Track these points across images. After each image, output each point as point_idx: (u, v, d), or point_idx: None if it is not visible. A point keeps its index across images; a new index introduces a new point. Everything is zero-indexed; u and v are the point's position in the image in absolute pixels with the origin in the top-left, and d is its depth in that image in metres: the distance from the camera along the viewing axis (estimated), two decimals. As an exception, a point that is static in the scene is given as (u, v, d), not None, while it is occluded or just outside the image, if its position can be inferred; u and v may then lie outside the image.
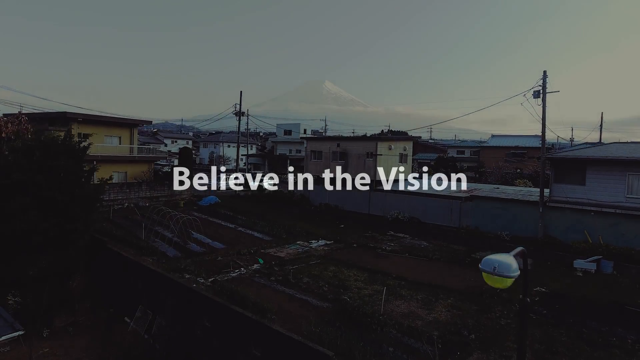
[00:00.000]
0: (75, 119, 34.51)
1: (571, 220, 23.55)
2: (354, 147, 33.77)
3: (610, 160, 22.39)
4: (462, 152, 78.92)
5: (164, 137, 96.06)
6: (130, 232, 26.73)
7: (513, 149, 60.15)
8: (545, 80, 24.56)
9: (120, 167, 37.84)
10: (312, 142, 37.28)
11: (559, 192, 24.34)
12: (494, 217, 26.45)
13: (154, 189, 39.14)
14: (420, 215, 29.87)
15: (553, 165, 24.65)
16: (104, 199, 35.30)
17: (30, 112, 36.49)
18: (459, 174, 70.05)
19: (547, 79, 24.51)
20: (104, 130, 37.21)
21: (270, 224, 30.71)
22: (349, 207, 34.24)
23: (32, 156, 13.68)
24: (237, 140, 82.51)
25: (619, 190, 22.42)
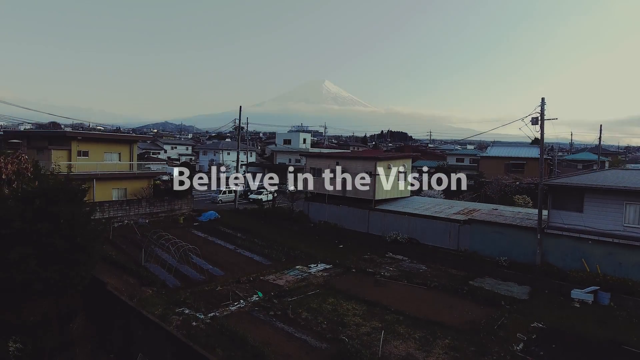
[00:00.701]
0: (74, 138, 34.64)
1: (569, 248, 23.64)
2: (353, 165, 33.85)
3: (608, 189, 22.47)
4: (461, 160, 78.99)
5: (163, 143, 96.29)
6: (130, 256, 26.81)
7: (512, 159, 60.20)
8: (544, 107, 24.66)
9: (120, 183, 37.93)
10: (311, 159, 37.37)
11: (556, 218, 24.44)
12: (492, 241, 26.55)
13: (154, 205, 39.23)
14: (419, 237, 29.97)
15: (551, 191, 24.74)
16: (105, 216, 35.69)
17: (31, 130, 36.62)
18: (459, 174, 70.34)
19: (545, 106, 24.62)
20: (103, 147, 37.31)
21: (270, 244, 30.86)
22: (348, 225, 34.33)
23: (32, 204, 13.76)
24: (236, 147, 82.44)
25: (617, 218, 22.52)
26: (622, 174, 24.44)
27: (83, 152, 35.70)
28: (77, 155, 35.22)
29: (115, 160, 38.45)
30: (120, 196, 38.15)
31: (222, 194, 48.94)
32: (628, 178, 23.55)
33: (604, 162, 75.50)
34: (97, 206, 34.82)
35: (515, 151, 61.86)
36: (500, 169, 61.09)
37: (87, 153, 35.98)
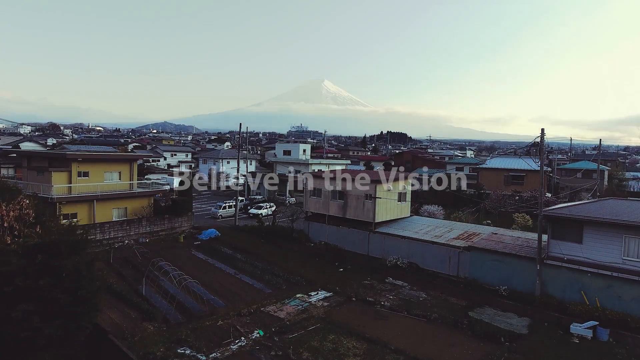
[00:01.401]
0: (75, 159, 34.64)
1: (568, 279, 23.74)
2: (353, 187, 33.93)
3: (608, 222, 22.55)
4: (460, 169, 79.03)
5: (163, 150, 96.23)
6: (131, 284, 26.86)
7: (512, 171, 60.32)
8: (543, 137, 24.77)
9: (121, 203, 37.96)
10: (312, 178, 37.42)
11: (556, 248, 24.53)
12: (492, 269, 26.64)
13: (154, 224, 39.30)
14: (419, 261, 30.07)
15: (550, 221, 24.83)
16: (105, 237, 35.78)
17: (31, 150, 36.68)
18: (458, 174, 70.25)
19: (544, 137, 24.72)
20: (103, 166, 37.31)
21: (270, 267, 30.95)
22: (348, 246, 34.42)
23: (34, 259, 13.83)
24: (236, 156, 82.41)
25: (616, 251, 22.62)
26: (622, 206, 24.52)
27: (83, 172, 35.69)
28: (77, 175, 35.22)
29: (116, 179, 38.43)
30: (121, 215, 38.18)
31: (222, 209, 48.97)
32: (628, 210, 23.65)
33: (603, 171, 75.53)
34: (97, 227, 35.17)
35: (515, 163, 61.96)
36: (499, 181, 61.29)
37: (87, 173, 35.97)
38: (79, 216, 34.86)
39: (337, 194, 35.21)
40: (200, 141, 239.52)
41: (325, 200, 36.14)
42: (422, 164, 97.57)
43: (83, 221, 34.94)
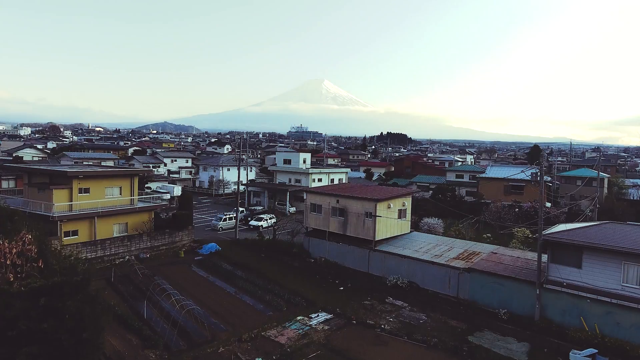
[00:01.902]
0: (76, 177, 34.71)
1: (568, 304, 23.87)
2: (353, 205, 34.04)
3: (607, 249, 22.67)
4: (460, 177, 79.21)
5: (163, 156, 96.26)
6: (132, 305, 26.98)
7: (511, 181, 60.40)
8: (543, 161, 24.87)
9: (121, 218, 38.06)
10: (311, 195, 37.54)
11: (555, 272, 24.66)
12: (491, 291, 26.77)
13: (155, 239, 39.39)
14: (419, 281, 30.20)
15: (550, 246, 24.95)
16: (106, 254, 35.91)
17: (33, 169, 36.77)
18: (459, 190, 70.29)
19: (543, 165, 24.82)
20: (104, 182, 37.40)
21: (271, 286, 31.05)
22: (348, 263, 34.56)
23: (37, 301, 13.94)
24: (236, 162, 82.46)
25: (615, 277, 22.75)
26: (621, 231, 24.62)
27: (84, 189, 35.80)
28: (78, 192, 35.31)
29: (117, 194, 38.52)
30: (122, 231, 38.28)
31: (223, 222, 49.05)
32: (628, 236, 23.77)
33: (603, 179, 75.61)
34: (98, 244, 35.29)
35: (514, 173, 61.95)
36: (499, 191, 61.45)
37: (88, 190, 36.06)
38: (80, 233, 35.00)
39: (337, 211, 35.33)
40: (200, 143, 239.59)
41: (325, 217, 36.26)
42: (422, 170, 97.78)
43: (84, 238, 35.14)
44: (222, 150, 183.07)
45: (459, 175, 79.73)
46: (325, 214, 36.18)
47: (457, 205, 64.04)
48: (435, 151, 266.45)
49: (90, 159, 79.32)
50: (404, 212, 35.87)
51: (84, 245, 34.30)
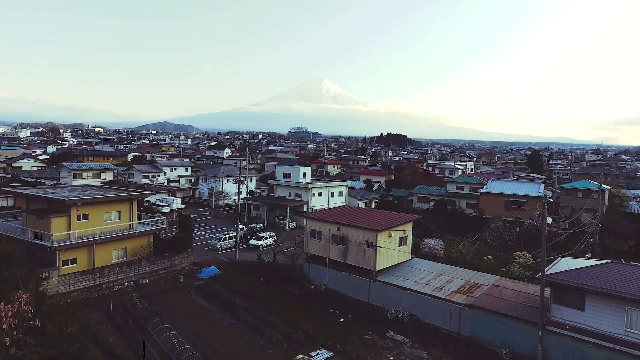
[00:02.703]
0: (74, 204, 34.42)
1: (570, 348, 23.65)
2: (354, 233, 33.78)
3: (610, 294, 22.44)
4: (461, 188, 78.93)
5: (162, 165, 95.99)
6: (130, 343, 26.74)
7: (512, 197, 60.17)
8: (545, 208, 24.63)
9: (120, 244, 37.79)
10: (311, 221, 37.28)
11: (557, 313, 24.44)
12: (493, 329, 26.55)
13: (154, 263, 39.16)
14: (420, 314, 29.98)
15: (553, 287, 24.72)
16: (105, 281, 35.66)
17: (31, 195, 36.48)
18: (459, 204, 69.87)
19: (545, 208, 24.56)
20: (103, 207, 37.12)
21: (271, 317, 30.81)
22: (348, 292, 34.35)
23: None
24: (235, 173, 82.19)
25: (618, 322, 22.53)
26: (626, 273, 24.34)
27: (83, 215, 35.52)
28: (76, 219, 35.05)
29: (116, 219, 38.25)
30: (121, 256, 38.01)
31: (222, 241, 48.75)
32: (632, 279, 23.48)
33: (604, 191, 75.36)
34: (97, 272, 35.03)
35: (515, 188, 61.84)
36: (500, 206, 61.21)
37: (87, 216, 35.79)
38: (79, 261, 34.74)
39: (337, 239, 35.09)
40: (200, 146, 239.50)
41: (325, 244, 36.02)
42: (422, 180, 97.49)
43: (83, 266, 34.88)
44: (222, 154, 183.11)
45: (460, 186, 79.44)
46: (326, 240, 35.94)
47: (458, 220, 63.94)
48: (435, 154, 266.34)
49: (89, 170, 79.01)
50: (405, 239, 35.62)
51: (82, 274, 34.08)
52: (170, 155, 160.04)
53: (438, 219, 66.51)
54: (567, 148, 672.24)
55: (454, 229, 60.92)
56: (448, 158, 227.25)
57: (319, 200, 64.70)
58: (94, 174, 79.52)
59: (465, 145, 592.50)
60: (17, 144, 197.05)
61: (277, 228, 60.98)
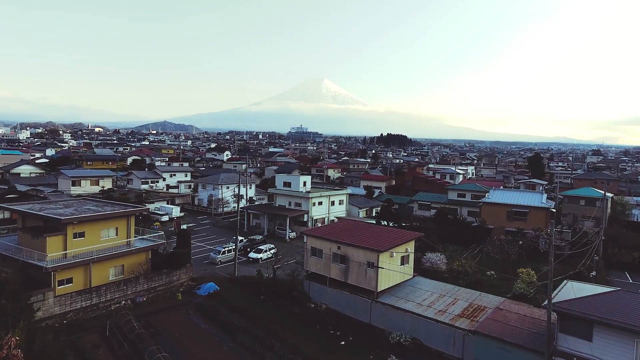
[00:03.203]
0: (70, 223, 33.77)
1: (578, 380, 23.02)
2: (355, 253, 33.15)
3: (619, 326, 21.82)
4: (462, 196, 78.32)
5: (162, 171, 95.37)
6: (127, 370, 26.15)
7: (515, 207, 59.48)
8: (553, 235, 24.01)
9: (117, 261, 37.11)
10: (312, 238, 36.65)
11: (564, 342, 23.81)
12: (498, 356, 25.91)
13: (152, 280, 38.53)
14: (423, 337, 29.36)
15: (559, 316, 24.09)
16: (102, 300, 35.04)
17: (27, 212, 35.83)
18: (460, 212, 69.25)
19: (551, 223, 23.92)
20: (100, 224, 36.46)
21: (270, 339, 30.24)
22: (349, 312, 33.75)
23: None
24: (236, 181, 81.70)
25: (628, 354, 21.89)
26: (636, 303, 23.70)
27: (79, 233, 34.88)
28: (72, 237, 34.40)
29: (113, 235, 37.59)
30: (118, 274, 37.36)
31: (221, 255, 48.11)
32: (639, 308, 22.87)
33: (607, 199, 74.70)
34: (93, 292, 34.40)
35: (518, 198, 61.15)
36: (502, 216, 60.52)
37: (83, 234, 35.13)
38: (75, 280, 34.09)
39: (338, 257, 34.47)
40: (199, 148, 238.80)
41: (326, 262, 35.40)
42: (423, 185, 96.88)
43: (79, 286, 34.24)
44: (221, 157, 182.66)
45: (461, 194, 78.82)
46: (326, 259, 35.32)
47: (460, 229, 63.27)
48: (435, 155, 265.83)
49: (88, 177, 78.38)
50: (407, 257, 35.01)
51: (78, 294, 33.45)
52: (170, 158, 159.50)
53: (439, 228, 65.87)
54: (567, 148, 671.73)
55: (456, 239, 60.32)
56: (448, 160, 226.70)
57: (319, 209, 64.07)
58: (93, 181, 78.89)
59: (465, 145, 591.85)
60: (17, 146, 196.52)
61: (276, 238, 60.36)
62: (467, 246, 56.94)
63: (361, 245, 32.63)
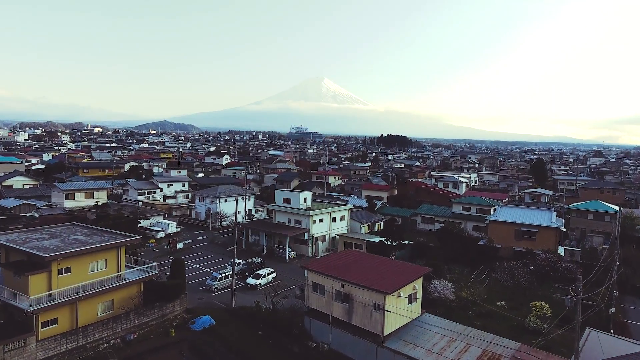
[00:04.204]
0: (55, 259, 31.54)
1: None
2: (359, 293, 30.94)
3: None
4: (467, 209, 76.25)
5: (159, 181, 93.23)
6: None
7: (523, 227, 57.22)
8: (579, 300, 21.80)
9: (107, 296, 34.91)
10: (313, 274, 34.44)
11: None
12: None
13: (144, 315, 36.33)
14: (433, 389, 27.20)
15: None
16: (89, 341, 32.85)
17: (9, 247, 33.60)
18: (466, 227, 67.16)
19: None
20: (87, 258, 34.22)
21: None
22: (354, 355, 31.62)
23: None
24: (234, 193, 79.50)
25: None
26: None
27: (65, 268, 32.66)
28: (58, 274, 32.18)
29: (102, 268, 35.36)
30: (107, 309, 35.16)
31: (218, 281, 45.88)
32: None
33: (616, 214, 72.45)
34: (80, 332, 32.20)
35: (526, 216, 58.90)
36: (510, 236, 58.36)
37: (69, 269, 32.91)
38: (60, 321, 31.87)
39: (341, 296, 32.29)
40: (198, 151, 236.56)
41: (328, 299, 33.22)
42: (426, 196, 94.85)
43: (64, 326, 32.06)
44: (220, 161, 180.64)
45: (466, 207, 76.72)
46: (329, 296, 33.13)
47: (465, 247, 60.98)
48: (437, 157, 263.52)
49: (82, 190, 76.25)
50: (415, 295, 32.83)
51: (63, 337, 31.26)
52: (168, 163, 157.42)
53: (444, 246, 63.73)
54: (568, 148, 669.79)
55: (462, 258, 58.09)
56: (450, 164, 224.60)
57: (320, 227, 61.88)
58: (87, 194, 76.80)
59: (465, 146, 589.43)
60: (14, 149, 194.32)
61: (276, 258, 58.22)
62: (474, 267, 54.78)
63: (366, 286, 30.44)
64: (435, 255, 55.36)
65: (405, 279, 31.78)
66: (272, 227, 62.19)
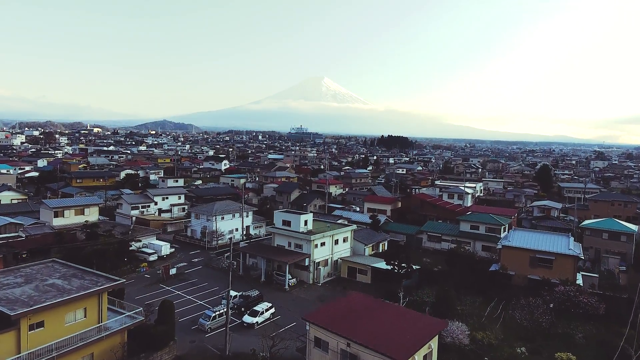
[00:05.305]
0: (25, 316, 27.95)
1: None
2: (369, 357, 27.34)
3: None
4: (476, 228, 72.58)
5: (154, 194, 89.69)
6: None
7: (539, 253, 53.54)
8: None
9: (86, 350, 31.33)
10: (315, 328, 30.84)
11: None
12: None
13: (129, 368, 32.78)
14: None
15: None
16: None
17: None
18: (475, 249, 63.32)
19: None
20: (63, 308, 30.62)
21: None
22: (361, 423, 27.95)
23: None
24: (231, 210, 75.92)
25: None
26: None
27: (37, 323, 29.09)
28: (28, 330, 28.61)
29: (80, 318, 31.78)
30: (86, 367, 31.58)
31: (212, 320, 42.22)
32: None
33: (632, 234, 69.01)
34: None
35: (542, 242, 55.21)
36: (524, 262, 54.67)
37: (42, 323, 29.36)
38: (30, 386, 28.31)
39: (347, 356, 28.68)
40: (197, 155, 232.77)
41: (332, 358, 29.61)
42: (431, 210, 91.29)
43: (35, 393, 28.46)
44: (219, 166, 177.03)
45: (474, 226, 73.05)
46: (333, 355, 29.52)
47: (475, 273, 57.39)
48: (438, 160, 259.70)
49: (72, 207, 72.53)
50: (430, 355, 29.23)
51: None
52: (165, 170, 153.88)
53: (453, 270, 60.16)
54: (568, 148, 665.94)
55: (472, 284, 54.49)
56: (452, 167, 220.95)
57: (321, 251, 58.28)
58: (77, 211, 73.09)
59: (466, 146, 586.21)
60: (9, 154, 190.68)
61: (275, 286, 54.64)
62: (485, 296, 51.19)
63: (377, 350, 26.80)
64: (444, 284, 51.74)
65: (420, 338, 28.17)
66: (271, 252, 58.52)
